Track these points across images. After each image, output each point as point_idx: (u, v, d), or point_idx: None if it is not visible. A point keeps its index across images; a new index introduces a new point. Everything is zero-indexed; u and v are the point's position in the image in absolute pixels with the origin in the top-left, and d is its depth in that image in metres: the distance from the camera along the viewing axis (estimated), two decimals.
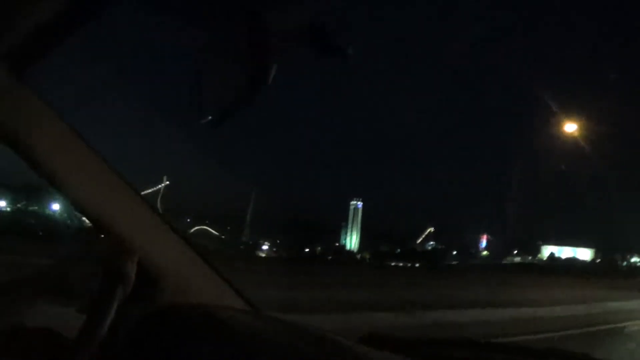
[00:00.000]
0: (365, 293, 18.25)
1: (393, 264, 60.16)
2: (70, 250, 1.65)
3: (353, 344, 1.56)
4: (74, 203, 1.70)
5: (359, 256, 68.03)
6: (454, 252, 74.28)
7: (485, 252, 76.43)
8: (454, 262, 69.44)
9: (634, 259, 74.45)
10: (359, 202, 76.16)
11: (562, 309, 17.09)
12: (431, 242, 75.39)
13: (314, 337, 1.54)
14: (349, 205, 76.31)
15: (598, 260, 75.38)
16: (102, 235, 1.73)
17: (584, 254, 77.91)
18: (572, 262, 72.54)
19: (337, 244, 71.52)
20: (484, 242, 77.41)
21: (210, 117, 1.34)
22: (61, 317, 1.65)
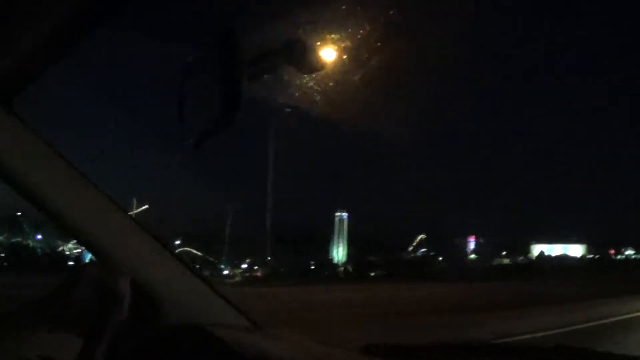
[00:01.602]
0: None
1: (372, 274, 59.81)
2: (65, 276, 1.64)
3: (355, 355, 1.57)
4: (66, 228, 1.70)
5: (342, 268, 67.41)
6: (440, 258, 73.78)
7: (473, 255, 75.97)
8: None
9: (628, 252, 74.34)
10: (344, 213, 75.53)
11: None
12: (423, 249, 74.98)
13: (316, 352, 1.54)
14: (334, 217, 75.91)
15: (590, 256, 75.30)
16: (97, 258, 1.73)
17: (576, 250, 77.85)
18: (563, 259, 72.55)
19: (329, 257, 71.10)
20: (472, 245, 76.98)
21: (191, 140, 1.35)
22: (61, 344, 1.64)
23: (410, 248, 73.90)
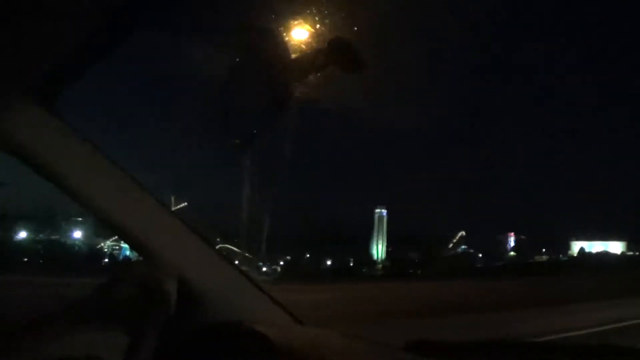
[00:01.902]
0: None
1: (411, 271, 59.60)
2: (111, 274, 1.66)
3: (400, 353, 1.56)
4: (112, 228, 1.72)
5: (380, 266, 66.93)
6: (479, 255, 73.08)
7: (512, 253, 75.02)
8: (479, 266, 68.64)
9: None
10: (383, 210, 74.86)
11: None
12: (463, 246, 74.19)
13: (362, 348, 1.54)
14: (373, 213, 75.21)
15: (630, 253, 73.84)
16: (142, 257, 1.75)
17: (616, 247, 76.42)
18: (604, 256, 71.28)
19: (369, 254, 70.61)
20: (512, 242, 76.03)
21: (236, 141, 1.35)
22: (107, 343, 1.66)
23: (450, 245, 73.16)
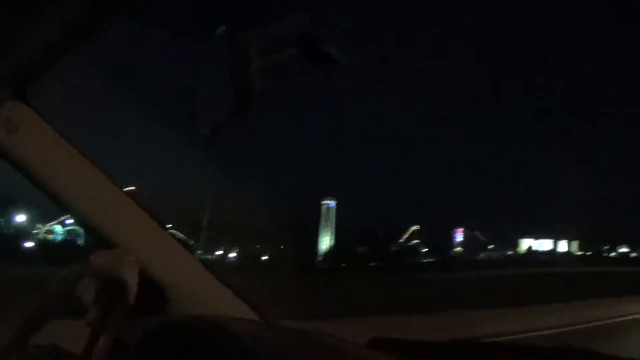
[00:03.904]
0: None
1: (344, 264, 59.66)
2: (72, 264, 1.65)
3: (363, 350, 1.57)
4: (76, 217, 1.70)
5: (320, 259, 66.35)
6: (423, 250, 73.17)
7: (458, 249, 75.45)
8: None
9: (622, 250, 74.26)
10: (331, 202, 74.43)
11: None
12: (415, 241, 74.44)
13: (324, 345, 1.54)
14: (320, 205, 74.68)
15: (580, 253, 75.23)
16: (105, 248, 1.72)
17: (566, 246, 77.65)
18: (551, 255, 72.54)
19: (312, 247, 70.20)
20: (459, 237, 76.49)
21: (205, 132, 1.35)
22: (67, 333, 1.64)
23: (402, 239, 73.46)
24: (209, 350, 1.54)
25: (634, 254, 72.05)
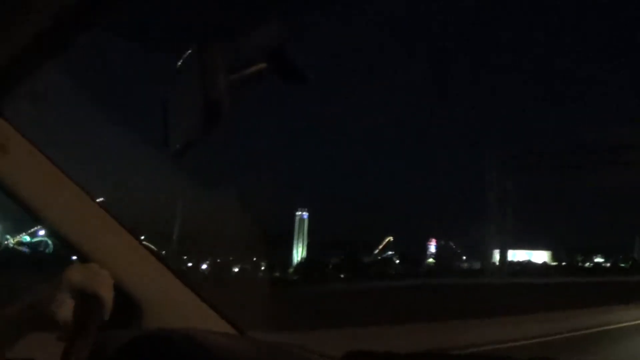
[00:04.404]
0: None
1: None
2: (48, 277, 1.63)
3: None
4: (50, 229, 1.69)
5: (291, 270, 65.76)
6: (397, 262, 72.78)
7: (430, 260, 75.25)
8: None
9: (597, 260, 74.83)
10: (304, 212, 74.18)
11: None
12: (390, 252, 74.24)
13: (298, 358, 1.55)
14: (294, 216, 74.36)
15: (554, 263, 75.51)
16: (79, 261, 1.72)
17: (541, 257, 77.85)
18: (525, 266, 72.67)
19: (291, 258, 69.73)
20: (432, 248, 76.39)
21: (175, 148, 1.35)
22: (41, 347, 1.63)
23: (377, 251, 73.22)
24: None
25: (607, 264, 72.88)
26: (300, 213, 73.34)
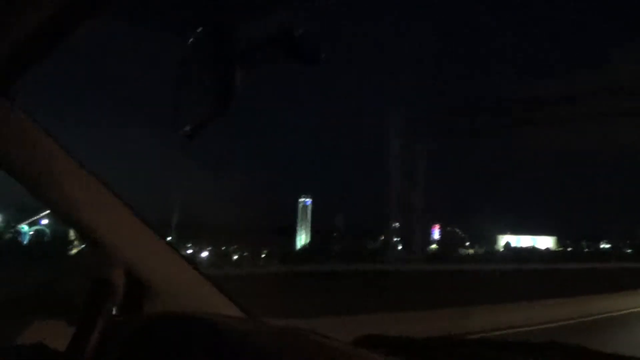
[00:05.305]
0: None
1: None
2: (60, 264, 1.63)
3: (350, 347, 1.57)
4: (61, 215, 1.69)
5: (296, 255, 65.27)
6: (399, 247, 72.26)
7: (433, 246, 74.73)
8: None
9: (602, 245, 74.46)
10: (307, 199, 73.82)
11: None
12: (396, 239, 73.75)
13: (310, 342, 1.55)
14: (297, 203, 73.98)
15: (560, 249, 75.14)
16: (90, 247, 1.72)
17: (545, 242, 77.52)
18: (530, 251, 72.28)
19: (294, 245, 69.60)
20: (436, 234, 75.92)
21: (186, 129, 1.34)
22: (53, 331, 1.64)
23: (383, 237, 72.85)
24: (194, 346, 1.54)
25: (613, 250, 72.50)
26: (303, 200, 73.10)
